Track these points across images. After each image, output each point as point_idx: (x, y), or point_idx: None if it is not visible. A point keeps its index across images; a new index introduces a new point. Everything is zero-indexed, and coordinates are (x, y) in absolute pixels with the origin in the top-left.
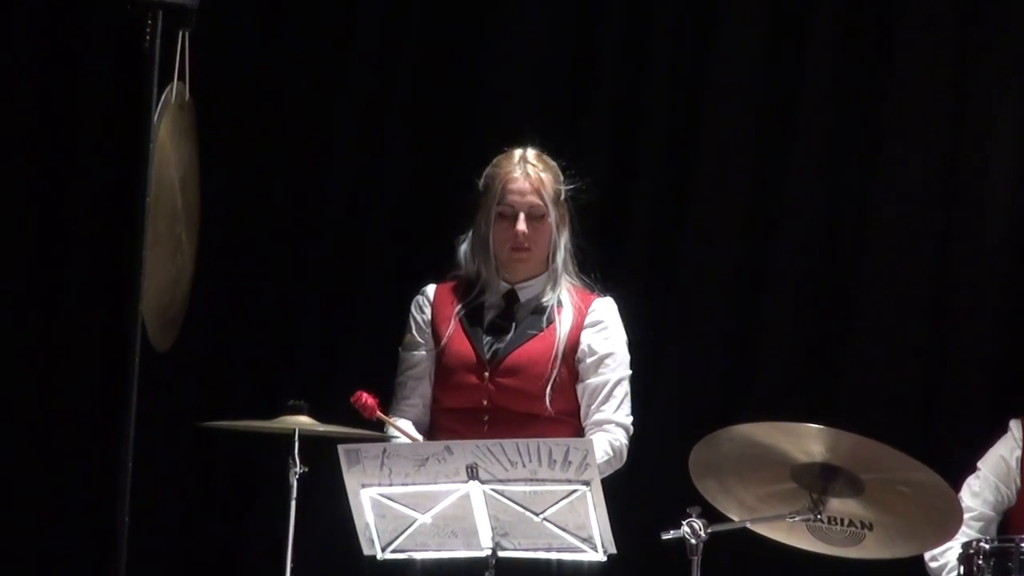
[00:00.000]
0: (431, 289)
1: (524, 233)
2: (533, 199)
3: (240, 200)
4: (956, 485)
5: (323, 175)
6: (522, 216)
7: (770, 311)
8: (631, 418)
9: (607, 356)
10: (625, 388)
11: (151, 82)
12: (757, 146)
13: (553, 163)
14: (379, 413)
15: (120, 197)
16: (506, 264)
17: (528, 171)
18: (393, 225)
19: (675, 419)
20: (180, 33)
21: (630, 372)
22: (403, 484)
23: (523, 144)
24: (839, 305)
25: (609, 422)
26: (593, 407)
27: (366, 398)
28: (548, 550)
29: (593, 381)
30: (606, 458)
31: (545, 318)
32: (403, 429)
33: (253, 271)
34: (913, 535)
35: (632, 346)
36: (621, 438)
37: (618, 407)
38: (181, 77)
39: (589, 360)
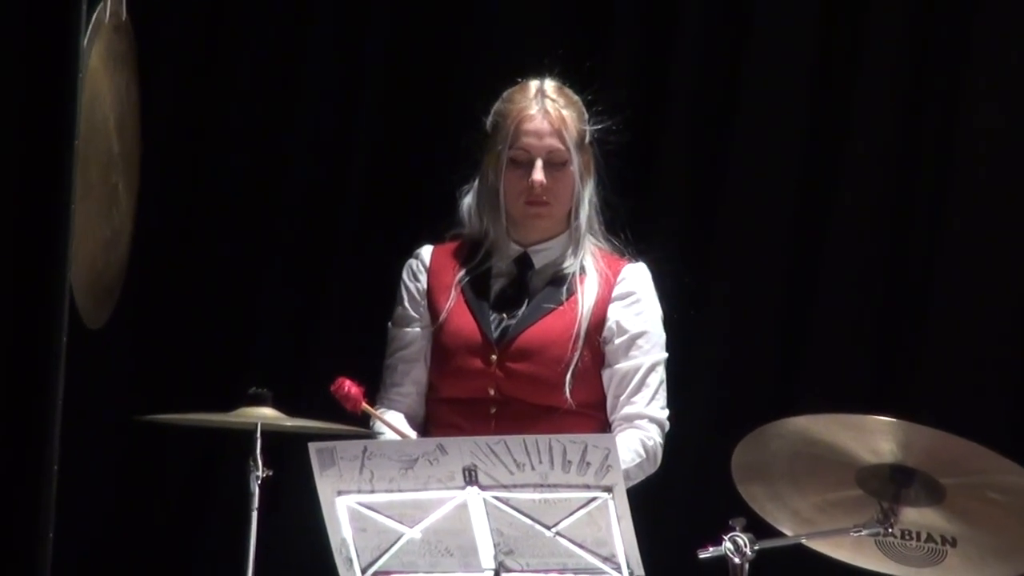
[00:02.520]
0: (427, 251)
1: (542, 183)
2: (553, 142)
3: (189, 144)
4: None
5: (288, 114)
6: (539, 163)
7: (831, 280)
8: (666, 411)
9: (639, 336)
10: (660, 375)
11: None
12: (817, 75)
13: (576, 98)
14: (364, 405)
15: (41, 139)
16: (519, 221)
17: (547, 107)
18: (374, 174)
19: (716, 411)
20: None
21: (666, 355)
22: (388, 491)
23: (540, 75)
24: (915, 272)
25: (641, 417)
26: (622, 398)
27: (349, 386)
28: (562, 571)
29: (622, 366)
30: (638, 460)
31: (565, 289)
32: (393, 425)
33: (205, 231)
34: (1006, 553)
35: (667, 322)
36: (655, 436)
37: (652, 398)
38: None
39: (618, 341)
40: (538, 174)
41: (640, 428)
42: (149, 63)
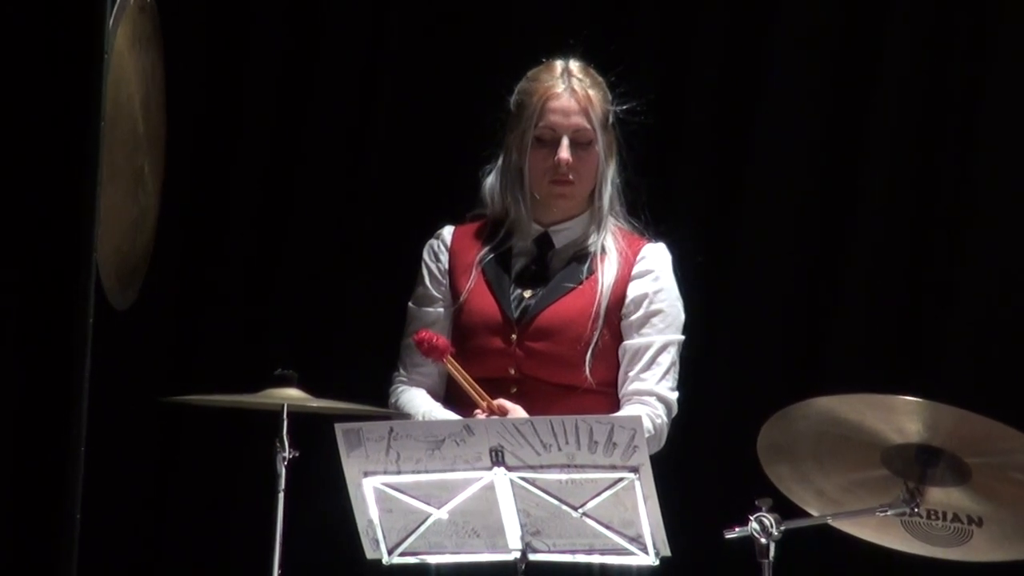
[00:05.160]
0: (448, 232)
1: (567, 162)
2: (579, 121)
3: (214, 125)
4: None
5: (313, 95)
6: (565, 141)
7: (855, 257)
8: (676, 393)
9: (655, 314)
10: (672, 356)
11: None
12: (840, 55)
13: (600, 78)
14: (448, 359)
15: (67, 121)
16: (543, 200)
17: (574, 86)
18: (397, 153)
19: (740, 391)
20: None
21: (681, 337)
22: (414, 472)
23: (565, 55)
24: (941, 249)
25: (649, 394)
26: (632, 374)
27: (436, 337)
28: (588, 552)
29: (634, 342)
30: (645, 436)
31: (585, 268)
32: (473, 383)
33: (231, 212)
34: None
35: (688, 302)
36: (663, 415)
37: (662, 377)
38: None
39: (633, 317)
40: (564, 152)
41: (648, 405)
42: (174, 44)
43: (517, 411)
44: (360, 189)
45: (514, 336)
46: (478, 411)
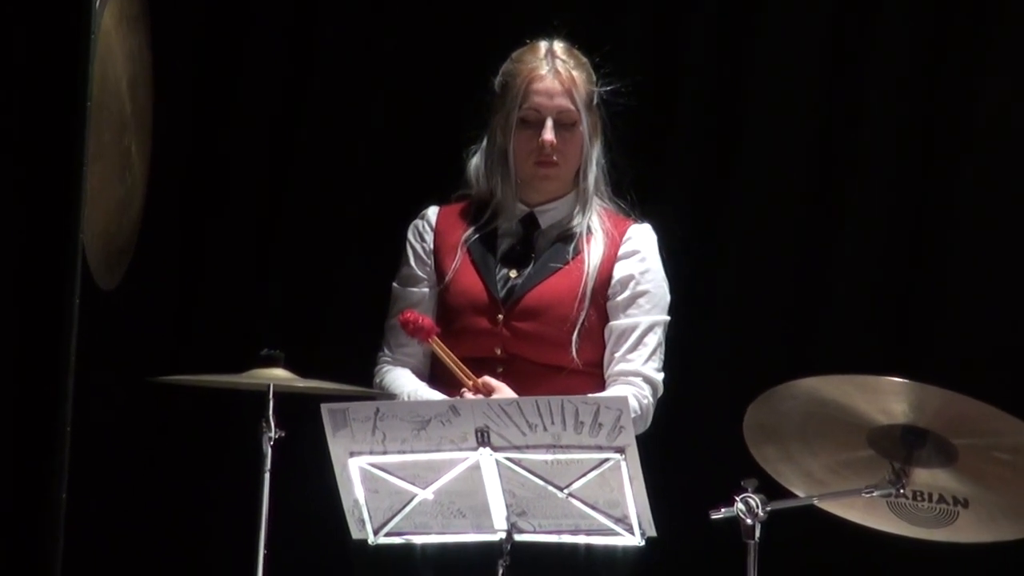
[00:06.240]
0: (433, 212)
1: (551, 143)
2: (563, 102)
3: (202, 104)
4: None
5: (303, 71)
6: (549, 122)
7: (845, 239)
8: (662, 374)
9: (641, 295)
10: (658, 337)
11: None
12: (833, 40)
13: (585, 59)
14: (434, 339)
15: (54, 100)
16: (528, 181)
17: (557, 67)
18: (385, 133)
19: (727, 372)
20: None
21: (667, 318)
22: (400, 452)
23: (549, 36)
24: (930, 232)
25: (635, 374)
26: (618, 355)
27: (421, 318)
28: (574, 532)
29: (621, 323)
30: (632, 416)
31: (571, 248)
32: (464, 369)
33: (217, 192)
34: (1018, 514)
35: (675, 283)
36: (648, 395)
37: (648, 358)
38: None
39: (619, 298)
40: (548, 134)
41: (634, 385)
42: (165, 24)
43: (502, 389)
44: (349, 171)
45: (500, 316)
46: (465, 390)
